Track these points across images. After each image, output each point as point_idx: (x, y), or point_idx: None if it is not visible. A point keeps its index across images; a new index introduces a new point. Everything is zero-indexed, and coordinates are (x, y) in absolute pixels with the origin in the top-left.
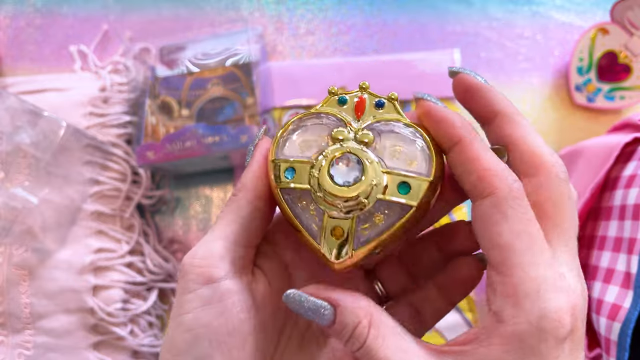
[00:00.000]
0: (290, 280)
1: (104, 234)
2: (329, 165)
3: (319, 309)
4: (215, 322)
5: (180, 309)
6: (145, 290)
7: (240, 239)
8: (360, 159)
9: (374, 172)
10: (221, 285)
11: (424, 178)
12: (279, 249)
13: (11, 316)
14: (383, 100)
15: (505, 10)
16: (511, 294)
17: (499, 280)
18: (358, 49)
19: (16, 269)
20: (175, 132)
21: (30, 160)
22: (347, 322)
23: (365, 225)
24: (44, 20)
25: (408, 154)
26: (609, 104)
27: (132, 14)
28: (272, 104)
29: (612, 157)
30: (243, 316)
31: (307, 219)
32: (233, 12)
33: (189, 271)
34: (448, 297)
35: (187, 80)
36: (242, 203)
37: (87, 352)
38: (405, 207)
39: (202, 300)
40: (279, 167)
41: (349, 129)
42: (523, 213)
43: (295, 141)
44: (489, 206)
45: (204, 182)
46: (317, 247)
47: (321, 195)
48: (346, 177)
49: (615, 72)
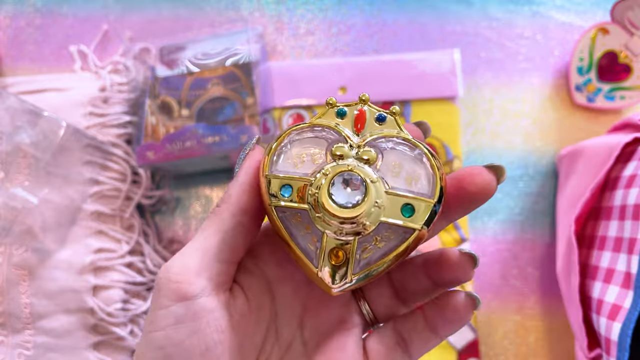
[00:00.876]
0: (271, 296)
1: (104, 234)
2: (329, 184)
3: None
4: (188, 342)
5: (152, 325)
6: (145, 290)
7: (220, 255)
8: (362, 178)
9: (376, 192)
10: (196, 303)
11: (427, 200)
12: (262, 263)
13: (11, 316)
14: (384, 115)
15: (505, 10)
16: None
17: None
18: (358, 49)
19: (16, 269)
20: (175, 132)
21: (30, 160)
22: None
23: (365, 248)
24: (44, 20)
25: (411, 173)
26: (609, 104)
27: (132, 14)
28: (272, 104)
29: (612, 157)
30: (217, 337)
31: (303, 239)
32: (233, 12)
33: (163, 286)
34: (435, 330)
35: (187, 80)
36: (224, 216)
37: (87, 352)
38: (408, 230)
39: (175, 318)
40: (274, 183)
41: (349, 145)
42: None
43: (290, 155)
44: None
45: (204, 182)
46: (314, 270)
47: (320, 216)
48: (348, 198)
49: (616, 72)
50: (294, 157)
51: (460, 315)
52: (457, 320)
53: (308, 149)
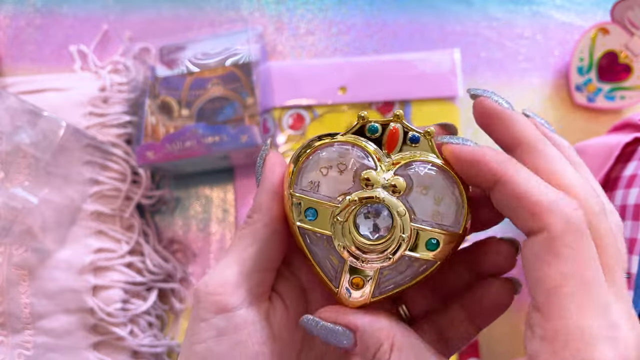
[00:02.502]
0: (306, 303)
1: (103, 234)
2: (354, 214)
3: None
4: (229, 354)
5: (193, 337)
6: (145, 290)
7: (257, 265)
8: (390, 211)
9: (403, 226)
10: (236, 315)
11: (453, 233)
12: (296, 270)
13: (11, 316)
14: (418, 136)
15: (505, 10)
16: (551, 339)
17: (539, 323)
18: (358, 49)
19: (16, 269)
20: (175, 132)
21: (30, 160)
22: (368, 345)
23: (386, 274)
24: (44, 20)
25: (440, 204)
26: (609, 104)
27: (132, 14)
28: (272, 104)
29: (612, 157)
30: (259, 348)
31: (324, 260)
32: (233, 12)
33: (202, 299)
34: (475, 321)
35: (187, 80)
36: (258, 226)
37: (87, 352)
38: (430, 262)
39: (216, 330)
40: (299, 204)
41: (379, 169)
42: (580, 251)
43: (317, 172)
44: (540, 244)
45: (204, 182)
46: (334, 290)
47: (343, 244)
48: (373, 230)
49: (616, 72)
50: (321, 172)
51: (501, 302)
52: (498, 308)
53: (337, 165)
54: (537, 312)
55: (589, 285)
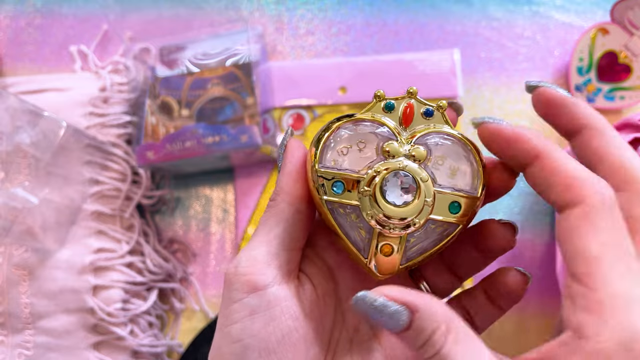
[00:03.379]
0: (335, 283)
1: (104, 234)
2: (381, 182)
3: (395, 314)
4: (264, 331)
5: (227, 320)
6: (145, 290)
7: (284, 243)
8: (414, 178)
9: (426, 191)
10: (268, 293)
11: (473, 196)
12: (321, 251)
13: (11, 316)
14: (432, 109)
15: (505, 10)
16: (596, 309)
17: (581, 293)
18: (358, 49)
19: (16, 269)
20: (175, 132)
21: (30, 160)
22: (425, 327)
23: (412, 241)
24: (44, 20)
25: (457, 168)
26: (609, 104)
27: (132, 14)
28: (272, 104)
29: None
30: (292, 323)
31: (353, 231)
32: (233, 12)
33: (234, 280)
34: (497, 304)
35: (187, 80)
36: (282, 206)
37: (87, 352)
38: (453, 225)
39: (249, 309)
40: (325, 178)
41: (399, 142)
42: (615, 223)
43: (339, 149)
44: (577, 216)
45: (204, 182)
46: (364, 261)
47: (371, 213)
48: (400, 196)
49: (616, 72)
50: (343, 150)
51: (514, 290)
52: (513, 295)
53: (357, 143)
54: (578, 284)
55: (627, 255)
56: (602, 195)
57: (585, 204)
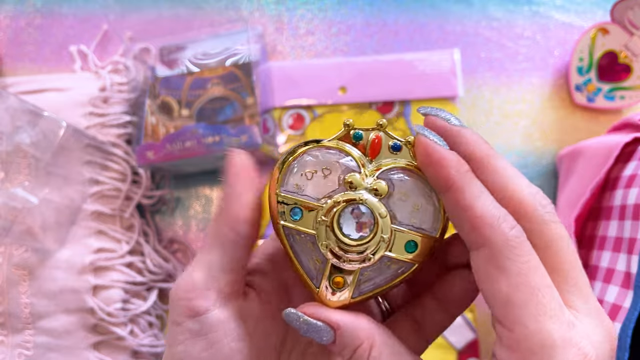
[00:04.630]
0: (288, 297)
1: (104, 234)
2: (339, 214)
3: (318, 330)
4: (207, 354)
5: (172, 340)
6: (145, 290)
7: (225, 266)
8: (372, 212)
9: (384, 227)
10: (209, 317)
11: (431, 236)
12: (278, 266)
13: (11, 316)
14: (400, 144)
15: (505, 10)
16: (515, 348)
17: (502, 333)
18: (358, 49)
19: (16, 269)
20: (175, 132)
21: (30, 160)
22: (348, 343)
23: (366, 275)
24: (44, 20)
25: (419, 209)
26: (609, 103)
27: (132, 14)
28: (272, 104)
29: (612, 157)
30: (235, 345)
31: (307, 259)
32: (233, 12)
33: (175, 303)
34: (447, 310)
35: (187, 80)
36: (224, 230)
37: (87, 352)
38: (408, 264)
39: (190, 333)
40: (285, 204)
41: (362, 174)
42: (523, 262)
43: (304, 173)
44: (484, 258)
45: (204, 182)
46: (315, 290)
47: (326, 244)
48: (356, 230)
49: (616, 72)
50: (307, 175)
51: (468, 291)
52: (467, 297)
53: (322, 169)
54: (498, 324)
55: (538, 291)
56: (506, 236)
57: (490, 247)
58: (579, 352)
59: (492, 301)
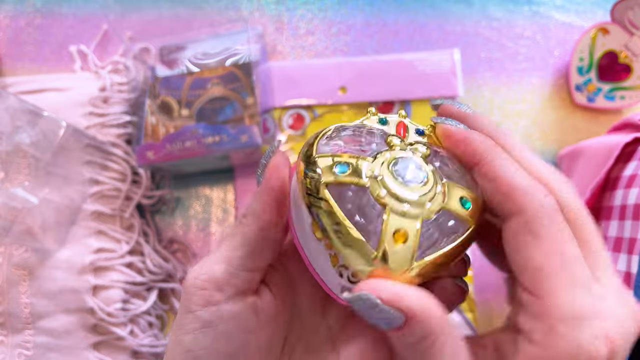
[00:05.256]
0: (294, 292)
1: (103, 234)
2: (390, 163)
3: (389, 318)
4: (216, 345)
5: (181, 328)
6: (145, 290)
7: (246, 265)
8: (423, 168)
9: (437, 179)
10: (222, 309)
11: (479, 197)
12: (284, 258)
13: (11, 316)
14: (423, 129)
15: (505, 10)
16: (545, 317)
17: (530, 302)
18: (358, 49)
19: (16, 269)
20: (175, 132)
21: (30, 160)
22: (416, 332)
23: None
24: (44, 20)
25: (460, 172)
26: (609, 103)
27: (132, 14)
28: (272, 104)
29: (612, 157)
30: (245, 338)
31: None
32: (233, 12)
33: (191, 291)
34: None
35: (187, 80)
36: (250, 229)
37: (87, 352)
38: (464, 224)
39: (202, 322)
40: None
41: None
42: (557, 231)
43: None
44: (519, 226)
45: (204, 182)
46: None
47: (382, 195)
48: (411, 176)
49: (616, 72)
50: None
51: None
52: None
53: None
54: (526, 292)
55: (570, 262)
56: (541, 203)
57: (524, 214)
58: (607, 325)
59: (523, 269)
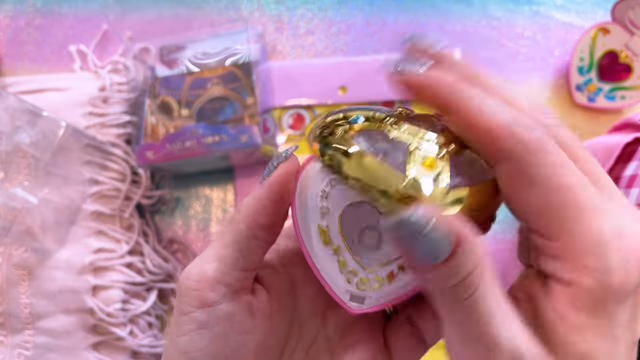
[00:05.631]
0: (295, 295)
1: (103, 234)
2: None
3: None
4: (212, 346)
5: (177, 330)
6: (145, 290)
7: (236, 264)
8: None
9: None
10: (217, 309)
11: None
12: (288, 262)
13: (11, 316)
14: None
15: (505, 10)
16: (566, 256)
17: (544, 244)
18: (358, 49)
19: (16, 269)
20: (175, 132)
21: (29, 160)
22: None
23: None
24: (44, 20)
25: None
26: (610, 103)
27: (132, 14)
28: (272, 103)
29: (612, 157)
30: (241, 339)
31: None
32: (233, 12)
33: (184, 293)
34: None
35: (187, 80)
36: (241, 228)
37: (86, 353)
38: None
39: (197, 323)
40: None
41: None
42: (551, 165)
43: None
44: (508, 173)
45: (204, 182)
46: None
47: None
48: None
49: (616, 71)
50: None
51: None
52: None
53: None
54: (537, 236)
55: (575, 187)
56: (524, 142)
57: (509, 158)
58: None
59: (526, 215)
